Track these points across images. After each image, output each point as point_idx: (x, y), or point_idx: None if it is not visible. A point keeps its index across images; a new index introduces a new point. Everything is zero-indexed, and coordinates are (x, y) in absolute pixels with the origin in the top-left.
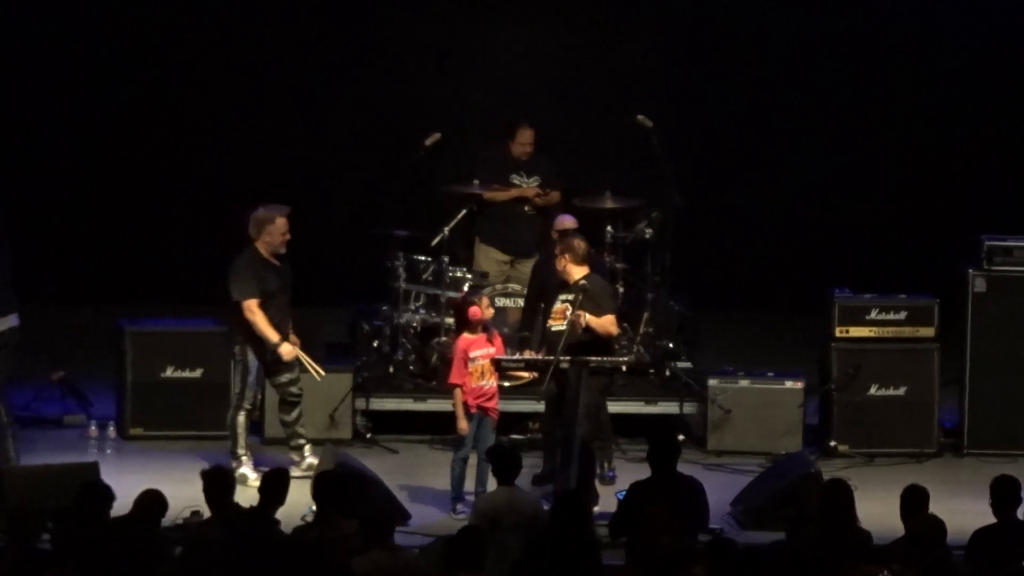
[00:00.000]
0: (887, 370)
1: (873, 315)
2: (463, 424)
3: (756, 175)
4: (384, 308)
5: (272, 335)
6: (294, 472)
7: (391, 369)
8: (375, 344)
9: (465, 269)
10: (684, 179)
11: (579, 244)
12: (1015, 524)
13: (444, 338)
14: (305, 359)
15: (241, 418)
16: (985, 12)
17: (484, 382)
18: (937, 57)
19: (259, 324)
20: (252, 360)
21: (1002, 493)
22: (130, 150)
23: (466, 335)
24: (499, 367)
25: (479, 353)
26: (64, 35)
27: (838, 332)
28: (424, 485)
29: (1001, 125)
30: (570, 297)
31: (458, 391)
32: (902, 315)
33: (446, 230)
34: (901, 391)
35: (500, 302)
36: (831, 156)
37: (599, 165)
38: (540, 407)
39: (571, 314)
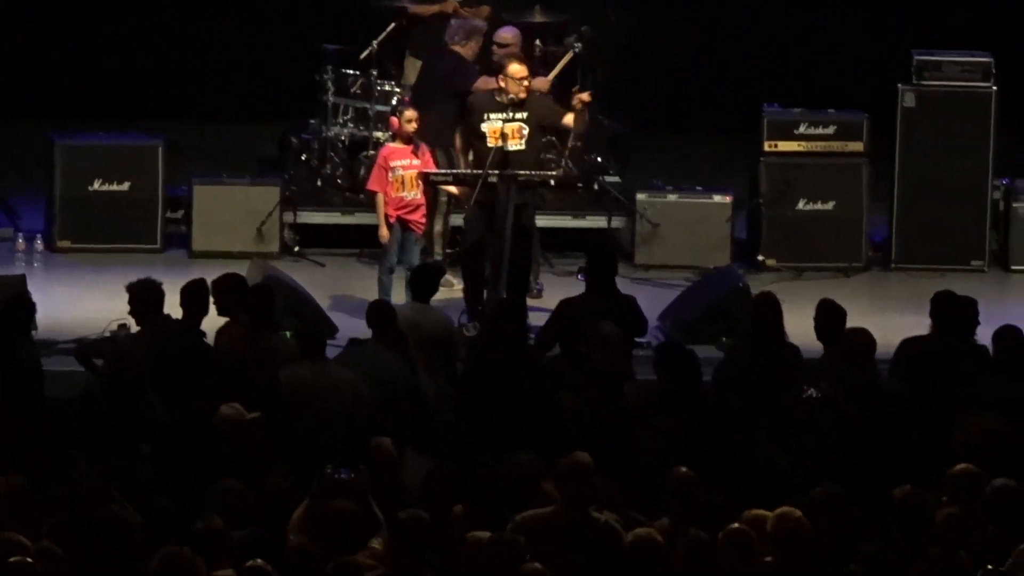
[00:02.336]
0: (816, 185)
1: (802, 129)
2: (384, 231)
3: None
4: (313, 122)
5: None
6: None
7: (319, 183)
8: (303, 158)
9: (394, 83)
10: None
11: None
12: (947, 338)
13: (372, 151)
14: None
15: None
16: None
17: (406, 193)
18: None
19: None
20: None
21: (943, 310)
22: None
23: (389, 144)
24: (428, 181)
25: (399, 164)
26: None
27: (767, 147)
28: (352, 297)
29: None
30: (504, 116)
31: (378, 198)
32: (831, 129)
33: (375, 44)
34: (830, 205)
35: None
36: None
37: None
38: None
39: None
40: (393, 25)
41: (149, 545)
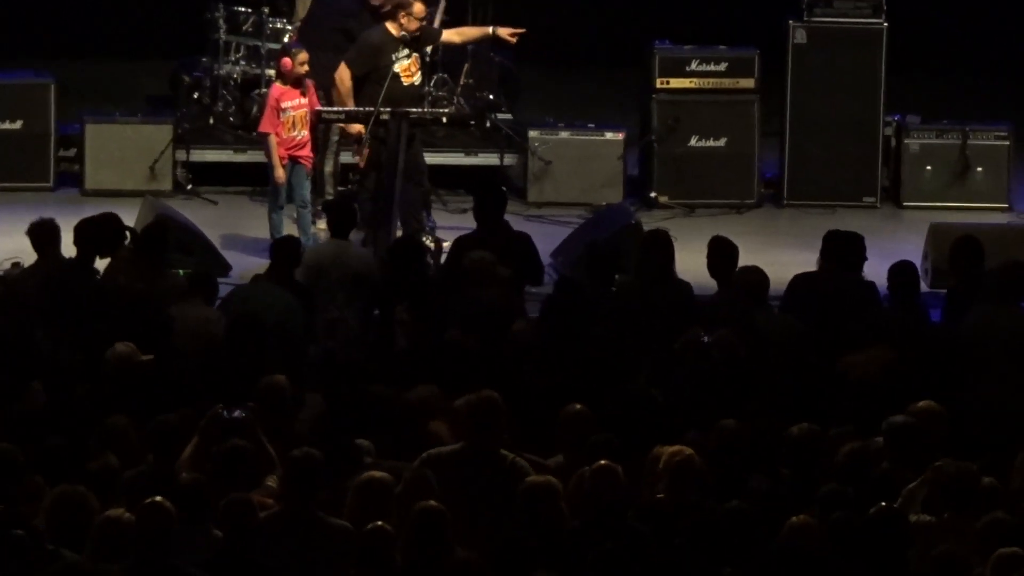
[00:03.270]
0: (707, 121)
1: (693, 66)
2: (279, 172)
3: None
4: (204, 60)
5: None
6: None
7: (211, 121)
8: (195, 96)
9: (285, 20)
10: None
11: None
12: (836, 274)
13: (264, 89)
14: None
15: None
16: None
17: (296, 132)
18: None
19: None
20: None
21: (833, 247)
22: None
23: (278, 85)
24: (320, 119)
25: (290, 104)
26: None
27: (658, 84)
28: (244, 236)
29: None
30: (406, 52)
31: (271, 139)
32: (722, 66)
33: None
34: (721, 142)
35: None
36: None
37: None
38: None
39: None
40: None
41: (42, 484)
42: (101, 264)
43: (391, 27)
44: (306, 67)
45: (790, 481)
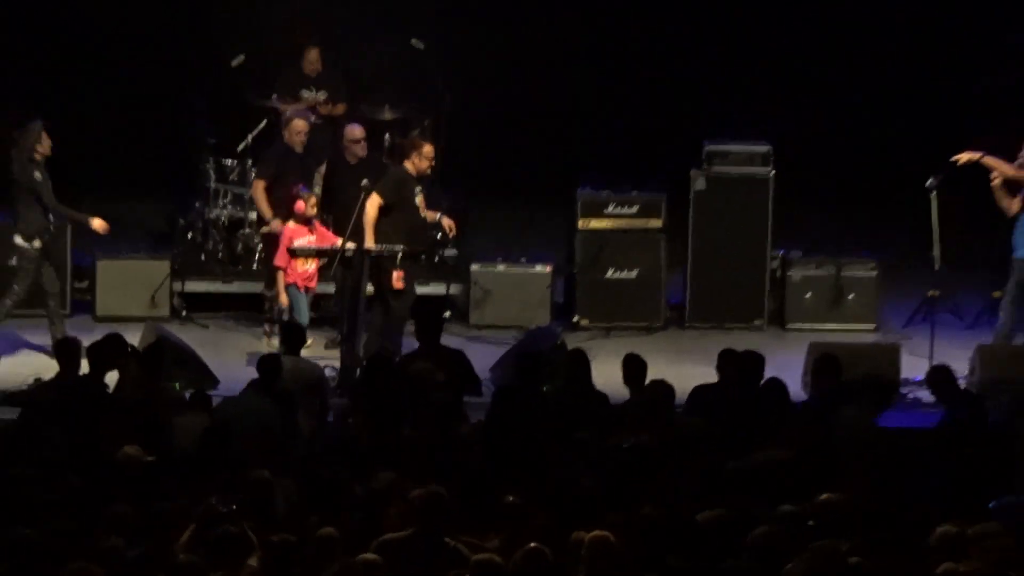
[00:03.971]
0: (622, 255)
1: (610, 209)
2: (283, 298)
3: (518, 85)
4: (197, 204)
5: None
6: None
7: (203, 257)
8: (189, 235)
9: None
10: (455, 89)
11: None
12: (733, 383)
13: (247, 230)
14: None
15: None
16: None
17: (307, 265)
18: None
19: None
20: None
21: (730, 363)
22: None
23: (291, 225)
24: (294, 255)
25: (301, 242)
26: None
27: (581, 224)
28: (230, 354)
29: (724, 48)
30: (419, 188)
31: (280, 274)
32: (635, 209)
33: (249, 137)
34: (634, 273)
35: None
36: (580, 72)
37: (381, 79)
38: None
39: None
40: (265, 121)
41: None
42: (110, 377)
43: (408, 165)
44: (315, 209)
45: (701, 561)
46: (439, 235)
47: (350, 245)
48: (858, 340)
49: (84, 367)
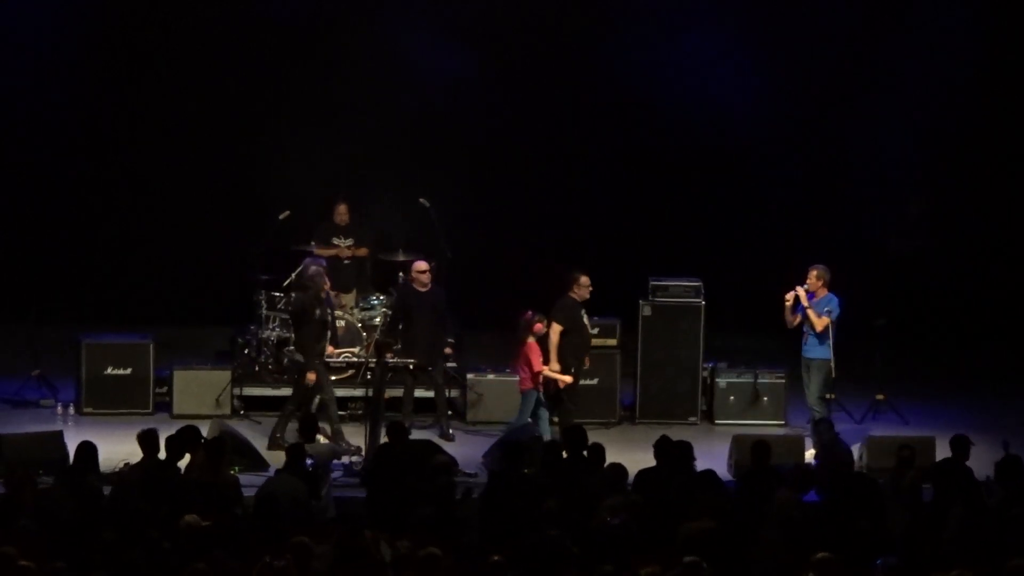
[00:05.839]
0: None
1: None
2: (566, 378)
3: (502, 236)
4: (252, 327)
5: None
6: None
7: (256, 368)
8: (246, 351)
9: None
10: (453, 237)
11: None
12: (671, 468)
13: (291, 347)
14: None
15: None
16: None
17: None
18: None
19: None
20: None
21: (664, 448)
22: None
23: (532, 342)
24: (328, 367)
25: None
26: None
27: None
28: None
29: (668, 194)
30: (584, 311)
31: (546, 370)
32: (595, 331)
33: (293, 275)
34: (595, 381)
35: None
36: (547, 226)
37: (396, 229)
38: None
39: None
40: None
41: None
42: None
43: (572, 295)
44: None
45: None
46: (446, 351)
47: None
48: (771, 433)
49: (163, 453)
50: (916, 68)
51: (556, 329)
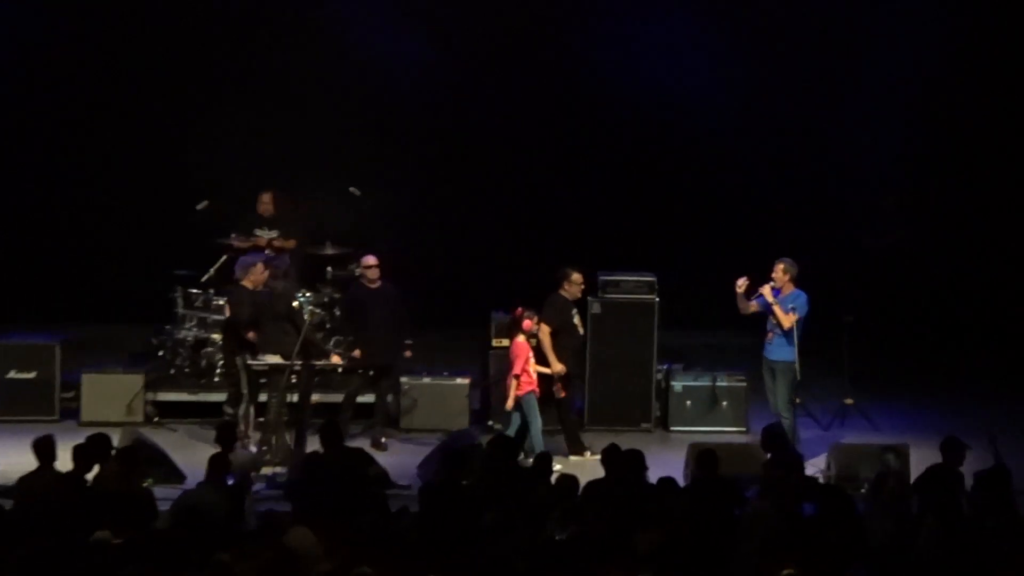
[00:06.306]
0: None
1: None
2: (558, 367)
3: (439, 225)
4: (167, 327)
5: None
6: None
7: (172, 371)
8: (161, 353)
9: (225, 299)
10: (391, 230)
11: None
12: (621, 478)
13: (210, 348)
14: None
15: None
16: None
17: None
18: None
19: None
20: None
21: (612, 458)
22: None
23: (521, 339)
24: (251, 371)
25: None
26: None
27: (495, 342)
28: (196, 454)
29: (620, 187)
30: (575, 311)
31: (516, 382)
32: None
33: (211, 270)
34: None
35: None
36: (494, 219)
37: (325, 220)
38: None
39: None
40: (225, 257)
41: None
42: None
43: (563, 293)
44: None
45: None
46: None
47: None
48: (731, 441)
49: (65, 463)
50: (889, 61)
51: (545, 330)
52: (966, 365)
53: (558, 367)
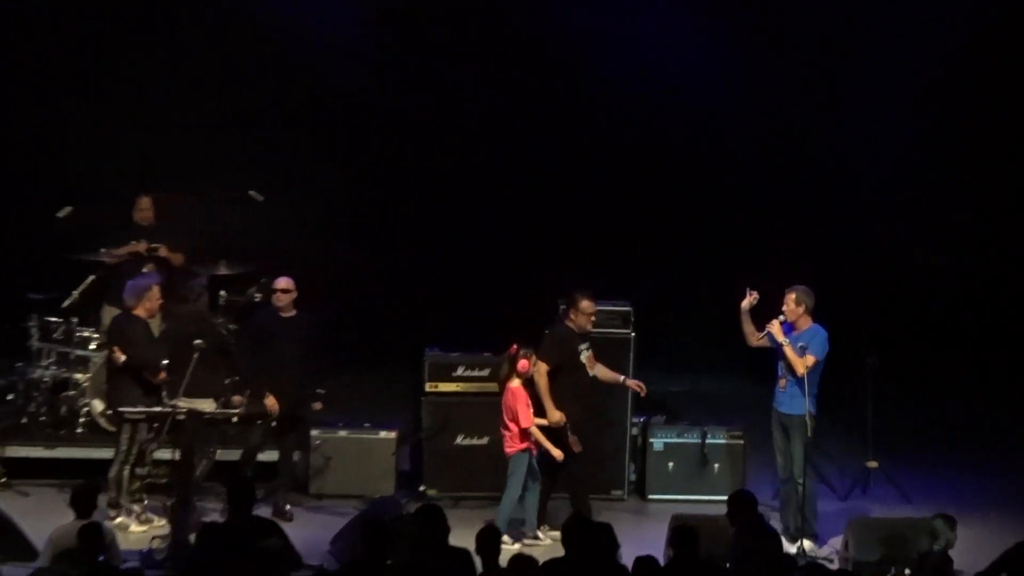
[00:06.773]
0: (473, 421)
1: (460, 372)
2: (557, 452)
3: (364, 241)
4: (18, 364)
5: None
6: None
7: (24, 420)
8: (10, 397)
9: (94, 329)
10: (300, 242)
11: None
12: (587, 558)
13: (72, 392)
14: None
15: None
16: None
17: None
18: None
19: None
20: None
21: (573, 533)
22: None
23: (516, 383)
24: (122, 418)
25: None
26: None
27: (428, 387)
28: (52, 525)
29: (581, 207)
30: (586, 344)
31: (535, 429)
32: (486, 372)
33: (75, 294)
34: (485, 440)
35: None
36: (433, 228)
37: (215, 236)
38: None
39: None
40: (92, 277)
41: None
42: None
43: (569, 324)
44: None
45: None
46: None
47: (182, 406)
48: (720, 512)
49: None
50: (889, 61)
51: (542, 370)
52: (1021, 416)
53: (556, 416)
